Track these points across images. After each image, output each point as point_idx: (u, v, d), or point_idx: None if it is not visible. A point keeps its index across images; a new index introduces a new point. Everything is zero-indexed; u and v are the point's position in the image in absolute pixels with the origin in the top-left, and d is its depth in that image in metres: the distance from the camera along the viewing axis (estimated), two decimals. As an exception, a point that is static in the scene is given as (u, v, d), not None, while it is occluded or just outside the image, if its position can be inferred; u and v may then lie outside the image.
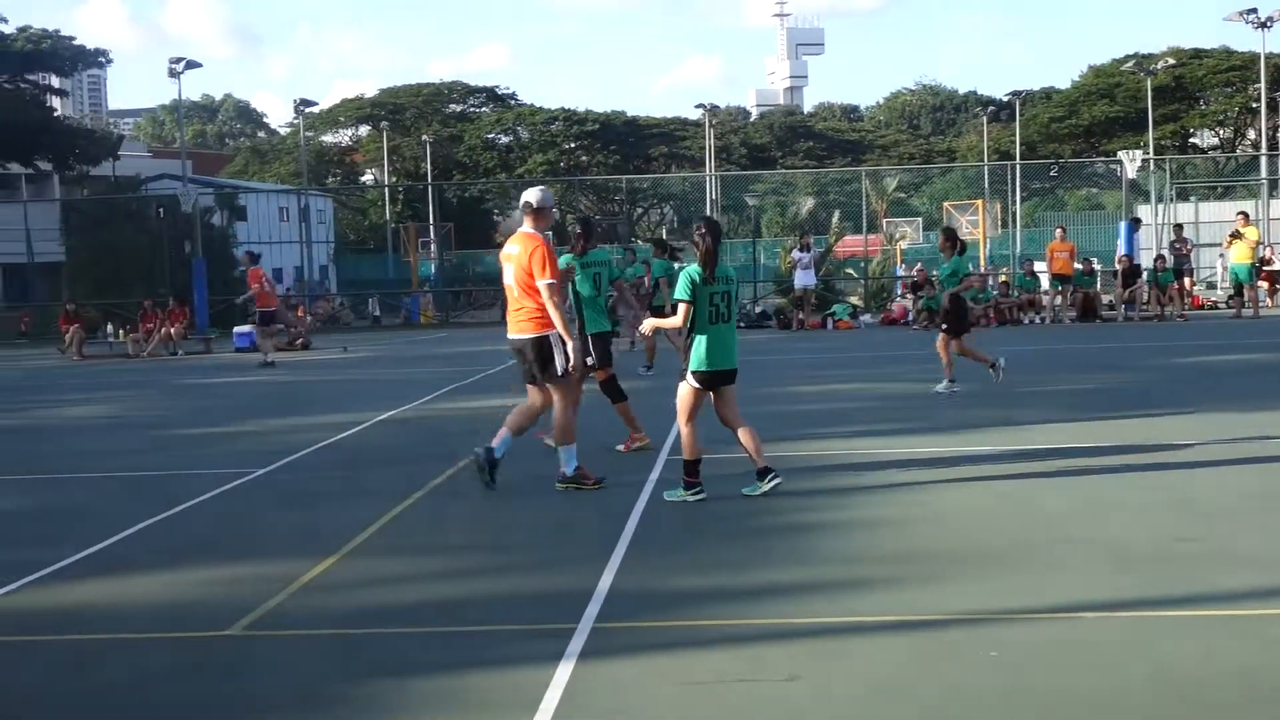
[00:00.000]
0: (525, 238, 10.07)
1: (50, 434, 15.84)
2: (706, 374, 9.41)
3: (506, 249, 10.17)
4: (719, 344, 9.40)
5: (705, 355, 9.37)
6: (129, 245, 40.90)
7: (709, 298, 9.34)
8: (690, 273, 9.43)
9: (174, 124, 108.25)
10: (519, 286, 9.99)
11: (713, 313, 9.37)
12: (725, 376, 9.52)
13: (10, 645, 6.64)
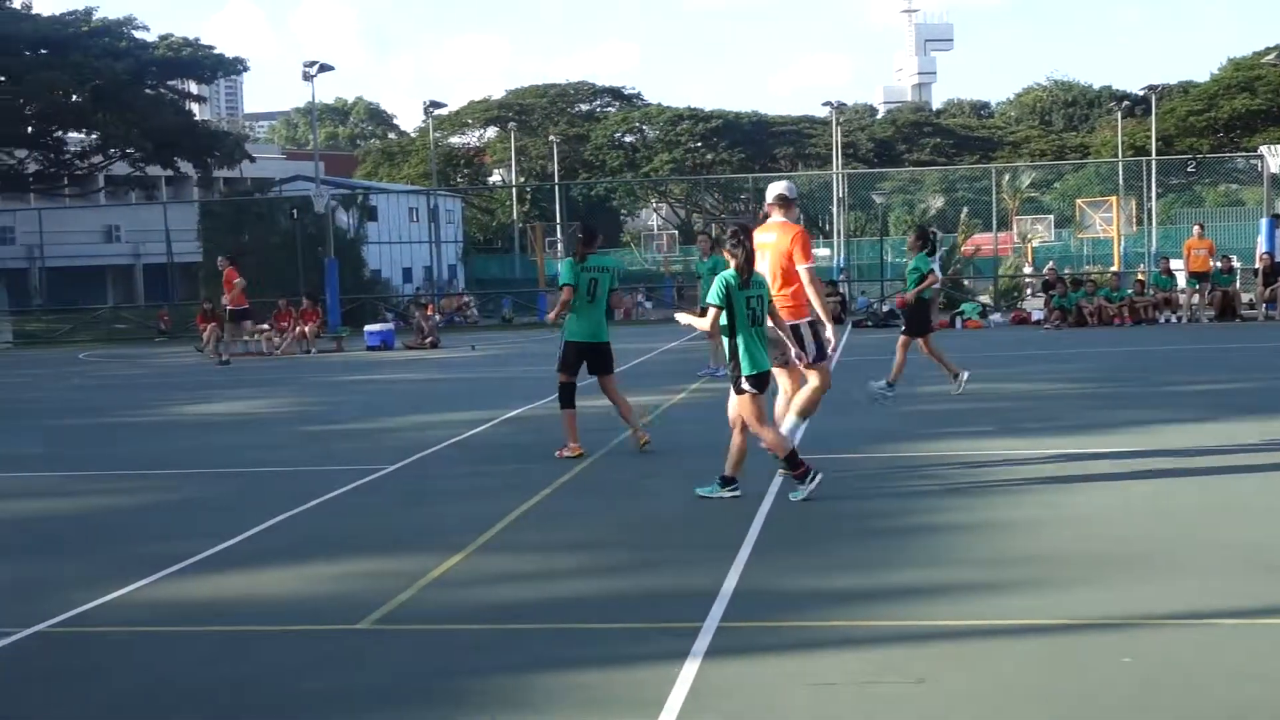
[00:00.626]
0: (782, 226, 10.35)
1: (189, 430, 16.24)
2: (759, 376, 9.48)
3: (759, 239, 10.29)
4: (759, 346, 9.51)
5: (756, 358, 9.45)
6: (263, 245, 41.81)
7: (745, 301, 9.41)
8: (726, 277, 9.45)
9: (307, 127, 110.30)
10: (776, 273, 10.20)
11: (750, 316, 9.44)
12: (768, 377, 9.65)
13: (154, 635, 6.82)
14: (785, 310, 10.13)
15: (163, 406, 19.16)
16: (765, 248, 10.21)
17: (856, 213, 67.07)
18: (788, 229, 10.31)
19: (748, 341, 9.44)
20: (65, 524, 10.11)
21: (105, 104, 51.24)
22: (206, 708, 5.69)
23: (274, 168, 75.86)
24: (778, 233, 10.29)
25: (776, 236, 10.27)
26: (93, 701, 5.80)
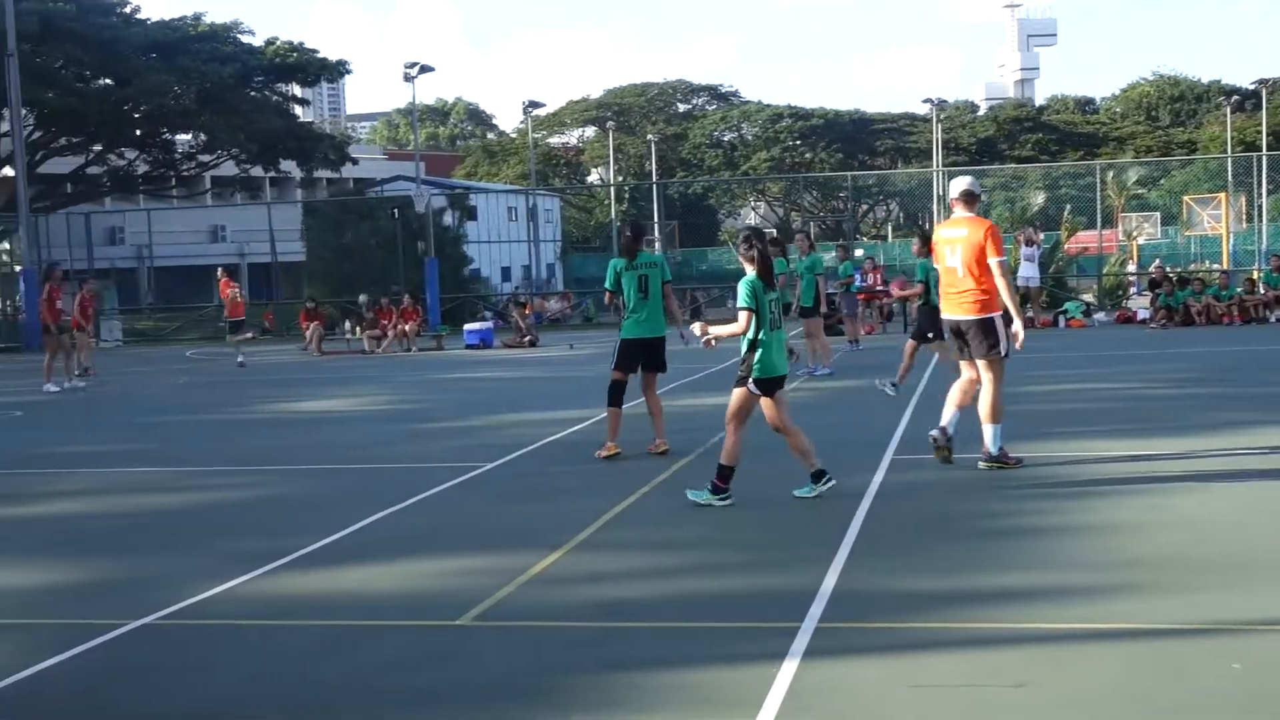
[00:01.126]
0: (973, 220, 10.51)
1: (292, 427, 16.48)
2: (770, 380, 9.55)
3: (948, 233, 10.56)
4: (779, 350, 9.60)
5: (771, 362, 9.51)
6: (365, 245, 42.33)
7: (768, 305, 9.52)
8: (751, 282, 9.55)
9: (408, 127, 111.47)
10: (968, 267, 10.36)
11: (772, 320, 9.54)
12: (782, 381, 9.70)
13: (259, 628, 6.94)
14: (976, 304, 10.33)
15: (266, 404, 19.47)
16: (956, 241, 10.42)
17: (957, 210, 66.29)
18: (979, 223, 10.47)
19: (767, 345, 9.49)
20: (173, 519, 10.31)
21: (212, 107, 52.15)
22: (310, 701, 5.78)
23: (375, 168, 76.82)
24: (969, 227, 10.44)
25: (968, 231, 10.43)
26: (200, 693, 5.91)
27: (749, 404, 9.68)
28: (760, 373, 9.54)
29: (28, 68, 41.06)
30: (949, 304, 10.61)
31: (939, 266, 10.90)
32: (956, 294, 10.49)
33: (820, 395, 16.27)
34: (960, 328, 10.52)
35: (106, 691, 5.98)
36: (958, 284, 10.47)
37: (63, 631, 6.90)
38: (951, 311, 10.57)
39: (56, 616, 7.28)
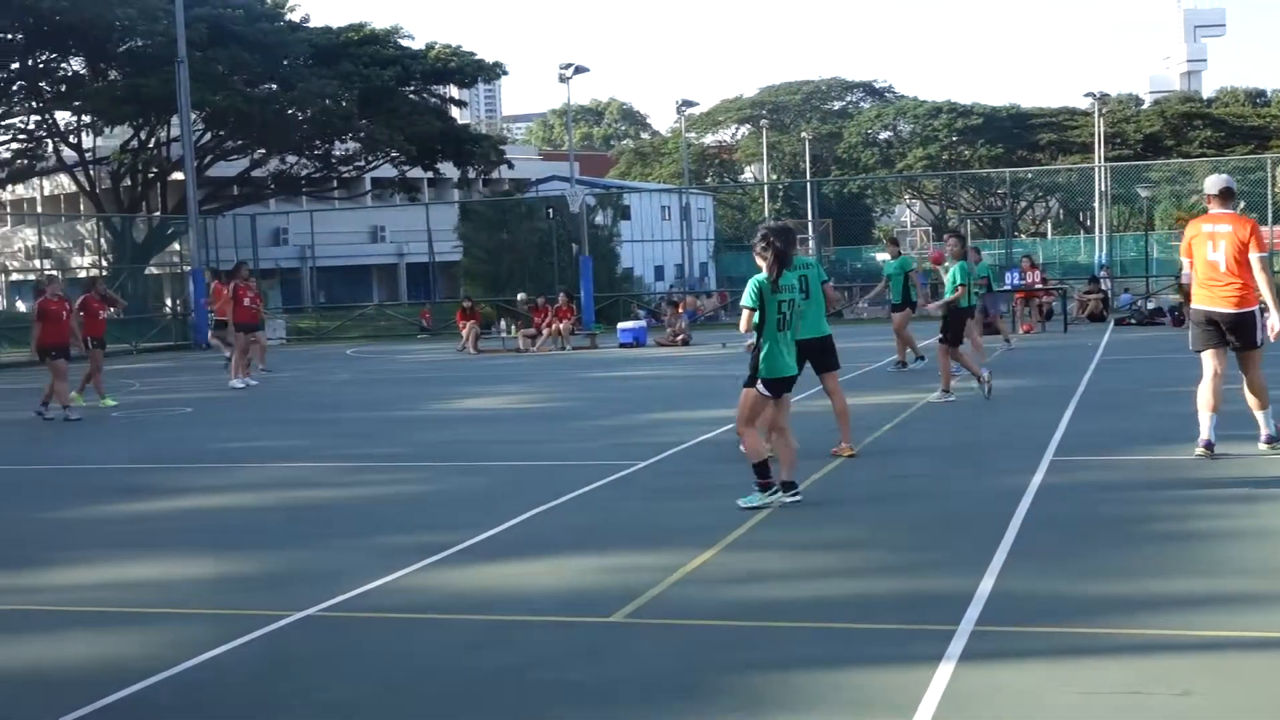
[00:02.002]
0: (1235, 217, 10.82)
1: (449, 424, 16.73)
2: (777, 381, 9.53)
3: (1211, 228, 10.77)
4: (788, 351, 9.57)
5: (776, 363, 9.49)
6: (520, 245, 42.84)
7: (777, 305, 9.47)
8: (759, 281, 9.50)
9: (563, 128, 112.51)
10: (1230, 261, 10.62)
11: (780, 320, 9.50)
12: (790, 383, 9.69)
13: (418, 621, 7.05)
14: (1238, 298, 10.57)
15: (423, 401, 19.79)
16: (1220, 237, 10.65)
17: (1120, 206, 64.79)
18: (1243, 220, 10.79)
19: (774, 345, 9.48)
20: (334, 513, 10.55)
21: (372, 110, 53.26)
22: (464, 694, 5.85)
23: (531, 169, 77.69)
24: (1233, 224, 10.67)
25: (1233, 227, 10.65)
26: (364, 684, 6.03)
27: (759, 405, 9.64)
28: (767, 373, 9.50)
29: (196, 73, 42.36)
30: (1210, 297, 10.76)
31: (1195, 260, 10.87)
32: (1219, 288, 10.68)
33: (976, 395, 16.00)
34: (1222, 320, 10.69)
35: (272, 680, 6.14)
36: (1220, 278, 10.66)
37: (229, 621, 7.10)
38: (1213, 304, 10.74)
39: (223, 607, 7.49)
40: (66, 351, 18.79)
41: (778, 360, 9.52)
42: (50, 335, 18.69)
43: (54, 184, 69.98)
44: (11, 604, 7.82)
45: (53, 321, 18.71)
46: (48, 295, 19.02)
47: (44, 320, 18.75)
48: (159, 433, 17.02)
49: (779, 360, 9.53)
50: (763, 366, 9.51)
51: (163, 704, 5.87)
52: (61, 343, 18.73)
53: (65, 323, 18.98)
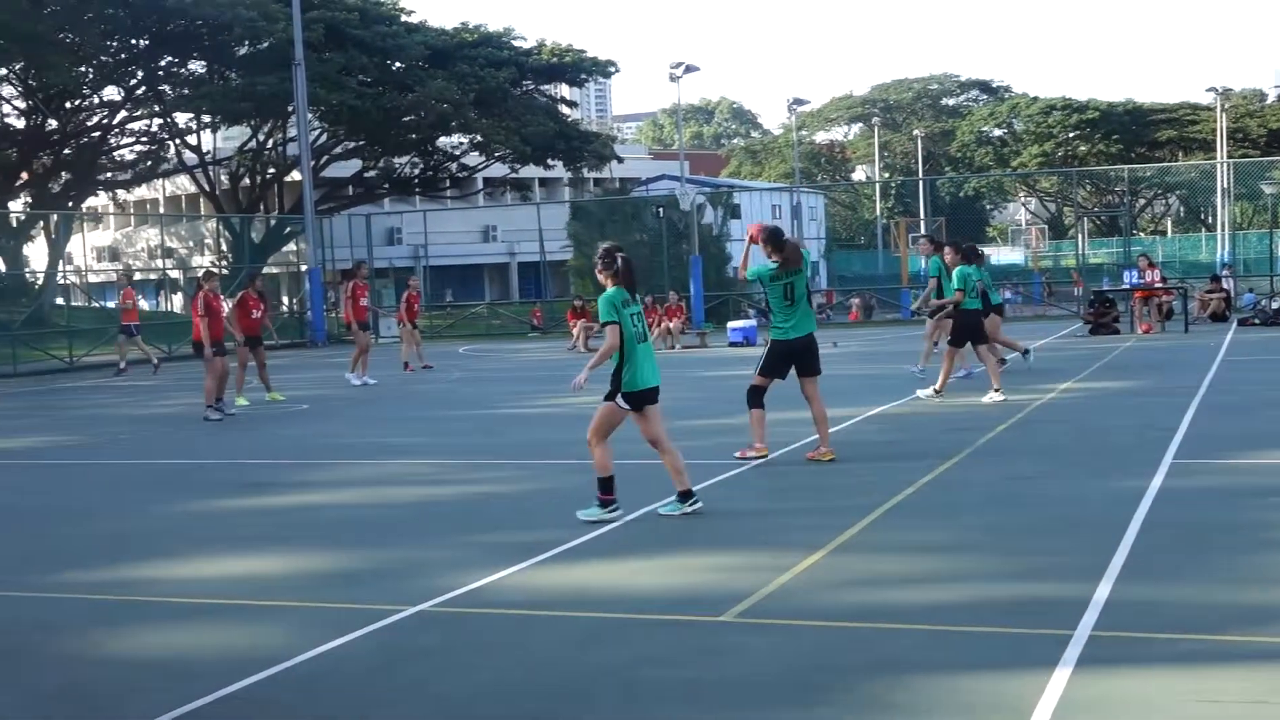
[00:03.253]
0: None
1: (559, 422, 16.81)
2: (638, 393, 9.54)
3: None
4: (647, 363, 9.56)
5: (637, 375, 9.50)
6: (630, 243, 42.93)
7: (629, 319, 9.49)
8: (610, 296, 9.54)
9: (673, 127, 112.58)
10: None
11: (636, 334, 9.51)
12: (654, 394, 9.64)
13: (529, 618, 7.11)
14: None
15: (535, 399, 19.93)
16: None
17: (1243, 204, 63.34)
18: None
19: (633, 358, 9.50)
20: (448, 509, 10.67)
21: (485, 110, 53.78)
22: (572, 691, 5.88)
23: (641, 168, 77.90)
24: None
25: None
26: (475, 679, 6.09)
27: (614, 418, 9.68)
28: (628, 386, 9.52)
29: (313, 74, 43.08)
30: None
31: None
32: None
33: (1088, 397, 15.76)
34: None
35: (385, 674, 6.22)
36: None
37: (343, 615, 7.21)
38: None
39: (339, 600, 7.60)
40: (223, 347, 18.83)
41: (638, 373, 9.55)
42: (215, 330, 18.63)
43: (176, 185, 71.65)
44: (139, 594, 8.02)
45: (212, 317, 18.73)
46: (206, 291, 19.02)
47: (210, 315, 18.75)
48: (277, 429, 17.33)
49: (639, 373, 9.55)
50: (627, 380, 9.55)
51: (283, 695, 5.98)
52: (217, 339, 18.67)
53: (223, 319, 19.10)
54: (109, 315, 43.84)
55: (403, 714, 5.67)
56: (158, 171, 59.56)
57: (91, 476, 13.83)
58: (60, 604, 7.93)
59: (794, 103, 68.47)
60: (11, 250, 49.38)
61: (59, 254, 49.60)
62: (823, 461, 11.95)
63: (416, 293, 28.33)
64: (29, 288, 45.63)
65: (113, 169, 57.67)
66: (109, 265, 66.12)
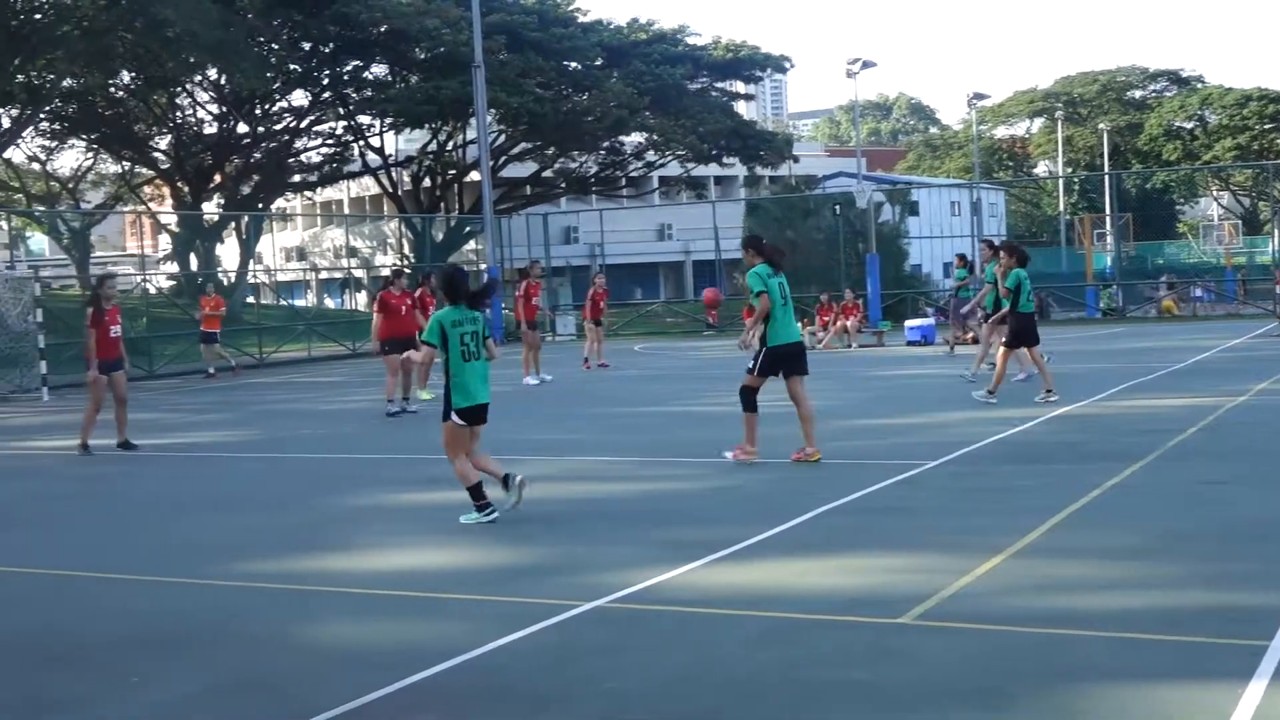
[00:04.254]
0: None
1: (734, 420, 16.73)
2: (469, 410, 9.95)
3: None
4: (475, 381, 9.94)
5: (466, 392, 9.90)
6: (807, 241, 42.70)
7: (459, 338, 9.86)
8: (438, 317, 9.99)
9: (849, 124, 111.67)
10: None
11: (464, 352, 9.89)
12: (482, 411, 10.09)
13: (703, 616, 7.09)
14: None
15: (710, 397, 19.91)
16: None
17: None
18: None
19: (460, 376, 9.86)
20: (621, 506, 10.71)
21: (661, 108, 54.01)
22: (746, 690, 5.84)
23: (817, 165, 77.44)
24: None
25: None
26: (648, 676, 6.09)
27: (458, 434, 10.01)
28: (459, 403, 9.90)
29: (492, 77, 43.77)
30: None
31: None
32: None
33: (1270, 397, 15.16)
34: None
35: (561, 669, 6.26)
36: None
37: (521, 609, 7.28)
38: None
39: (515, 595, 7.68)
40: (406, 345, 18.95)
41: (466, 390, 9.92)
42: (389, 329, 18.92)
43: (359, 186, 73.49)
44: (323, 585, 8.22)
45: (389, 316, 19.17)
46: (391, 289, 19.34)
47: (385, 313, 19.12)
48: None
49: (466, 390, 9.92)
50: (454, 398, 9.91)
51: (459, 687, 6.06)
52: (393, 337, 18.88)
53: (405, 317, 19.23)
54: (297, 313, 45.22)
55: (577, 709, 5.70)
56: (342, 173, 61.16)
57: (276, 470, 14.24)
58: (247, 593, 8.17)
59: (974, 97, 67.17)
60: (205, 251, 51.18)
61: (249, 254, 51.29)
62: (810, 462, 12.22)
63: (603, 290, 28.34)
64: (221, 287, 47.22)
65: (300, 171, 59.42)
66: (297, 264, 68.20)
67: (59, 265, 67.20)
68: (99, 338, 15.62)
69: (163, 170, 57.47)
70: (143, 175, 60.83)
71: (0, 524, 11.47)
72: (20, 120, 47.37)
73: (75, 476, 14.64)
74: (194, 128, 55.55)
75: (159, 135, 56.11)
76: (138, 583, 8.64)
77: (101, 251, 77.67)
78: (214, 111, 54.90)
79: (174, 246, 54.06)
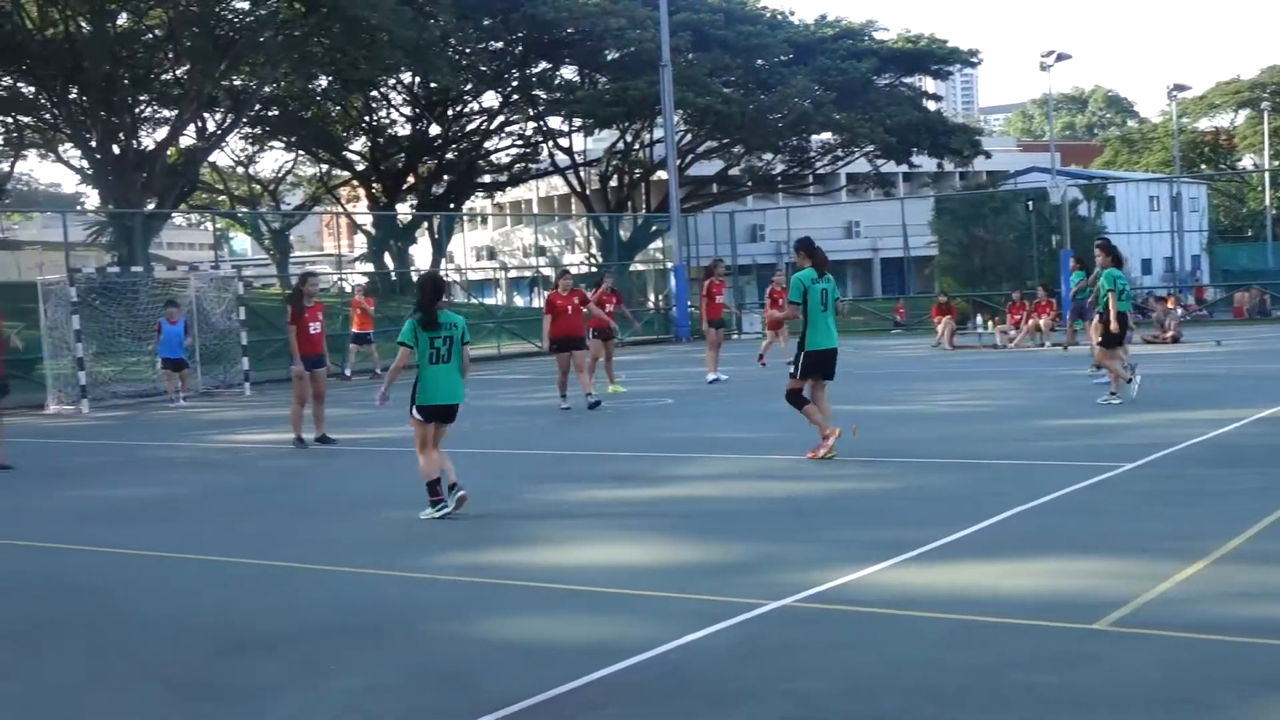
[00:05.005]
0: None
1: (923, 419, 16.54)
2: (428, 408, 10.65)
3: None
4: (437, 383, 10.66)
5: (426, 391, 10.67)
6: (998, 238, 41.84)
7: (429, 341, 10.61)
8: (412, 322, 10.75)
9: (1043, 118, 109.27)
10: None
11: (433, 354, 10.64)
12: (444, 411, 10.75)
13: (889, 617, 6.99)
14: None
15: (898, 397, 19.65)
16: None
17: None
18: None
19: (425, 376, 10.66)
20: (808, 505, 10.63)
21: (847, 104, 53.58)
22: (935, 693, 5.74)
23: (1008, 160, 75.93)
24: None
25: None
26: (836, 676, 6.04)
27: (421, 431, 10.67)
28: (420, 400, 10.67)
29: (679, 76, 43.93)
30: None
31: None
32: None
33: None
34: None
35: (747, 667, 6.24)
36: None
37: (707, 607, 7.28)
38: None
39: (701, 592, 7.68)
40: (573, 344, 19.42)
41: (427, 390, 10.67)
42: (557, 329, 19.37)
43: (548, 186, 74.50)
44: (508, 579, 8.34)
45: (560, 315, 19.46)
46: (558, 290, 19.84)
47: (552, 314, 19.51)
48: (643, 422, 17.73)
49: (428, 390, 10.67)
50: (418, 395, 10.67)
51: (643, 683, 6.08)
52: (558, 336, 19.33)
53: (572, 317, 19.60)
54: (487, 311, 46.02)
55: (761, 708, 5.66)
56: (531, 173, 62.08)
57: (464, 466, 14.48)
58: (434, 585, 8.33)
59: (1174, 89, 65.16)
60: (399, 250, 52.47)
61: (441, 253, 52.41)
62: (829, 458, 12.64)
63: (781, 289, 28.35)
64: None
65: (490, 171, 60.49)
66: (487, 263, 69.43)
67: (260, 265, 69.70)
68: (299, 334, 16.10)
69: (358, 172, 59.12)
70: (339, 177, 62.70)
71: (202, 514, 11.92)
72: (224, 125, 49.23)
73: (274, 469, 15.12)
74: (388, 130, 56.99)
75: (355, 138, 57.74)
76: (332, 573, 8.89)
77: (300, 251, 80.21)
78: (407, 114, 56.23)
79: (369, 246, 55.56)
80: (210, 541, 10.31)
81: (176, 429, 20.48)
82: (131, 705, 6.24)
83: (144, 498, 13.14)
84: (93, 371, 25.67)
